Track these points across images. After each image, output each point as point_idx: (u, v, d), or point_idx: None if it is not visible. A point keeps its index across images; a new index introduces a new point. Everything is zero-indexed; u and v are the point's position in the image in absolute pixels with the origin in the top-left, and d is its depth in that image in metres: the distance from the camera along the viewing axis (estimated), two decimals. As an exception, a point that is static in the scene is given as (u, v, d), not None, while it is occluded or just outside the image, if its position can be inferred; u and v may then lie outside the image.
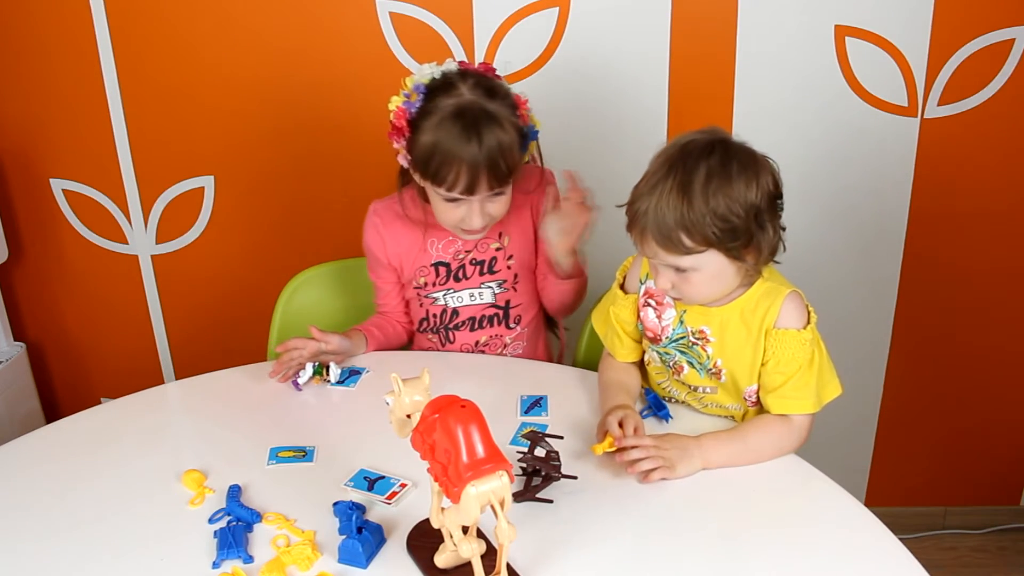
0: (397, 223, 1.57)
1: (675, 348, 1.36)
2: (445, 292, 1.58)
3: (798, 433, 1.28)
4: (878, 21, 1.83)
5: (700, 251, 1.22)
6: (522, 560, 1.07)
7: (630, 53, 1.88)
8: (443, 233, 1.55)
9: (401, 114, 1.43)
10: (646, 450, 1.21)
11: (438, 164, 1.39)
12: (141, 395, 1.46)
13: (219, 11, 1.88)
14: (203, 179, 2.04)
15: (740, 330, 1.30)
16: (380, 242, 1.58)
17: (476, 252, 1.57)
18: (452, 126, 1.38)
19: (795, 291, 1.30)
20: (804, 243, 1.98)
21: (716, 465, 1.24)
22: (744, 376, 1.32)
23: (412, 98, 1.42)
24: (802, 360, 1.27)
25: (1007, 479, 2.25)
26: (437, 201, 1.46)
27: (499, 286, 1.59)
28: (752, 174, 1.22)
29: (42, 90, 1.97)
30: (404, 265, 1.59)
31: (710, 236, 1.20)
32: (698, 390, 1.37)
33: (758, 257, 1.25)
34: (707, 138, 1.25)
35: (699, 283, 1.26)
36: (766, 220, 1.23)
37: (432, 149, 1.39)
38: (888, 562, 1.08)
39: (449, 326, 1.60)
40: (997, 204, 1.97)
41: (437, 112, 1.40)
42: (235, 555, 1.10)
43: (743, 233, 1.21)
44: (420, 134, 1.41)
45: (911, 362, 2.12)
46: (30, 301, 2.20)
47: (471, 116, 1.39)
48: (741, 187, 1.20)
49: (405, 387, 1.03)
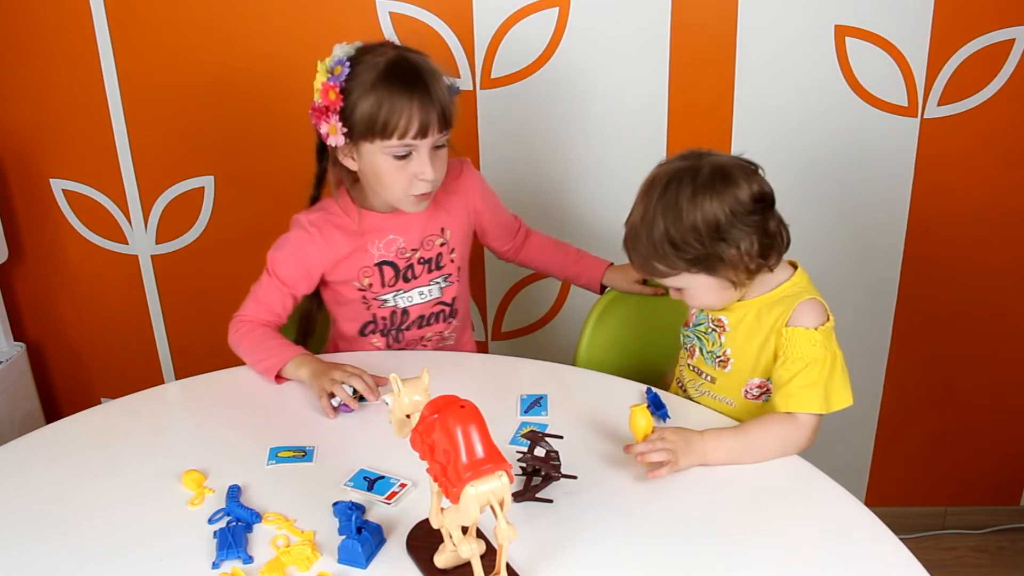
0: (334, 231, 1.53)
1: (694, 333, 1.44)
2: (396, 293, 1.57)
3: (803, 432, 1.28)
4: (878, 21, 1.83)
5: (673, 274, 1.32)
6: (522, 560, 1.07)
7: (630, 53, 1.88)
8: (381, 232, 1.54)
9: (329, 87, 1.41)
10: (652, 443, 1.21)
11: (387, 114, 1.38)
12: (141, 395, 1.46)
13: (219, 11, 1.88)
14: (203, 179, 2.04)
15: (754, 325, 1.35)
16: (318, 251, 1.53)
17: (423, 251, 1.57)
18: (392, 76, 1.39)
19: (814, 298, 1.33)
20: (804, 243, 1.96)
21: (716, 461, 1.24)
22: (749, 368, 1.36)
23: (337, 72, 1.41)
24: (809, 358, 1.28)
25: (1007, 479, 2.25)
26: (385, 165, 1.43)
27: (445, 280, 1.60)
28: (710, 195, 1.27)
29: (42, 90, 1.97)
30: (342, 270, 1.55)
31: (674, 263, 1.30)
32: (702, 375, 1.43)
33: (737, 269, 1.30)
34: (673, 168, 1.32)
35: (694, 296, 1.36)
36: (737, 234, 1.28)
37: (376, 101, 1.39)
38: (888, 562, 1.08)
39: (401, 327, 1.60)
40: (997, 204, 1.97)
41: (371, 70, 1.40)
42: (235, 555, 1.10)
43: (706, 256, 1.29)
44: (357, 96, 1.40)
45: (911, 362, 2.12)
46: (30, 301, 2.20)
47: (407, 64, 1.41)
48: (692, 214, 1.27)
49: (404, 387, 1.03)
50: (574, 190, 2.00)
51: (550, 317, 2.13)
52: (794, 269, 1.38)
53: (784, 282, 1.35)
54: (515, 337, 2.15)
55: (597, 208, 2.00)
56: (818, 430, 1.29)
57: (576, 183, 1.99)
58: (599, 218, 2.01)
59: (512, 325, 2.14)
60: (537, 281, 2.09)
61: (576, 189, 2.00)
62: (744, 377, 1.38)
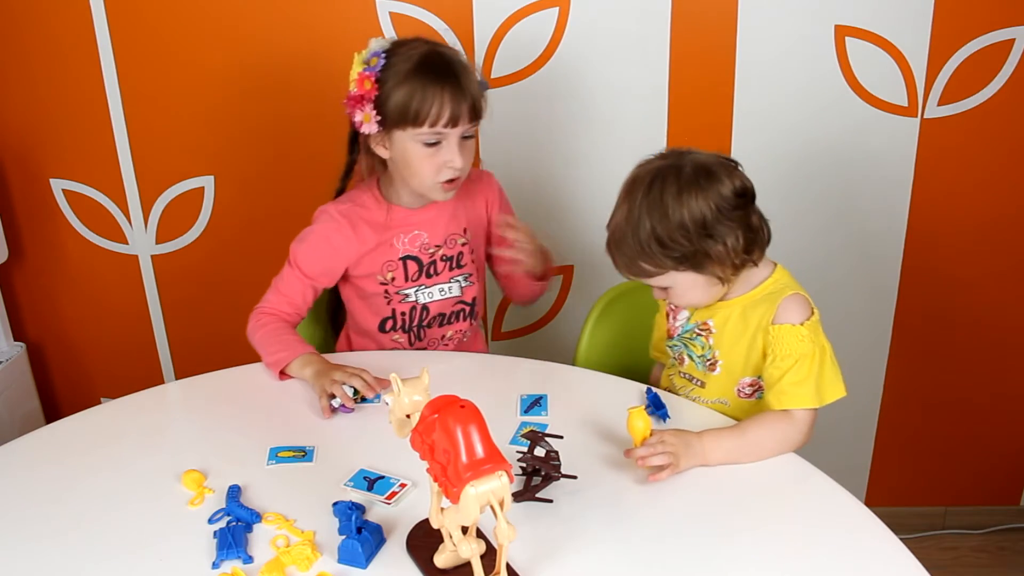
0: (362, 223, 1.56)
1: (680, 341, 1.44)
2: (417, 288, 1.59)
3: (799, 428, 1.28)
4: (878, 21, 1.83)
5: (660, 273, 1.32)
6: (522, 560, 1.07)
7: (630, 53, 1.88)
8: (407, 227, 1.56)
9: (364, 77, 1.45)
10: (652, 447, 1.21)
11: (419, 102, 1.43)
12: (141, 395, 1.46)
13: (219, 11, 1.88)
14: (203, 179, 2.04)
15: (739, 324, 1.35)
16: (345, 241, 1.56)
17: (446, 248, 1.59)
18: (427, 67, 1.44)
19: (798, 292, 1.34)
20: (804, 243, 1.98)
21: (716, 461, 1.24)
22: (739, 367, 1.37)
23: (373, 63, 1.45)
24: (798, 354, 1.29)
25: (1007, 479, 2.25)
26: (415, 152, 1.47)
27: (466, 280, 1.62)
28: (695, 192, 1.28)
29: (42, 90, 1.97)
30: (367, 263, 1.58)
31: (662, 262, 1.30)
32: (692, 380, 1.43)
33: (724, 265, 1.31)
34: (654, 167, 1.32)
35: (681, 294, 1.36)
36: (722, 230, 1.29)
37: (410, 90, 1.43)
38: (888, 562, 1.08)
39: (423, 324, 1.61)
40: (997, 204, 1.97)
41: (406, 61, 1.45)
42: (235, 555, 1.10)
43: (694, 253, 1.29)
44: (392, 84, 1.44)
45: (911, 362, 2.12)
46: (30, 301, 2.20)
47: (441, 56, 1.46)
48: (679, 212, 1.28)
49: (404, 387, 1.03)
50: (575, 189, 2.00)
51: (550, 317, 2.13)
52: (774, 266, 1.39)
53: (766, 279, 1.36)
54: (515, 337, 2.15)
55: (597, 207, 1.99)
56: (814, 424, 1.30)
57: (577, 182, 1.99)
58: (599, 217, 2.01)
59: (512, 325, 2.14)
60: (537, 281, 2.09)
61: (577, 188, 2.00)
62: (735, 377, 1.38)
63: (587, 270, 2.07)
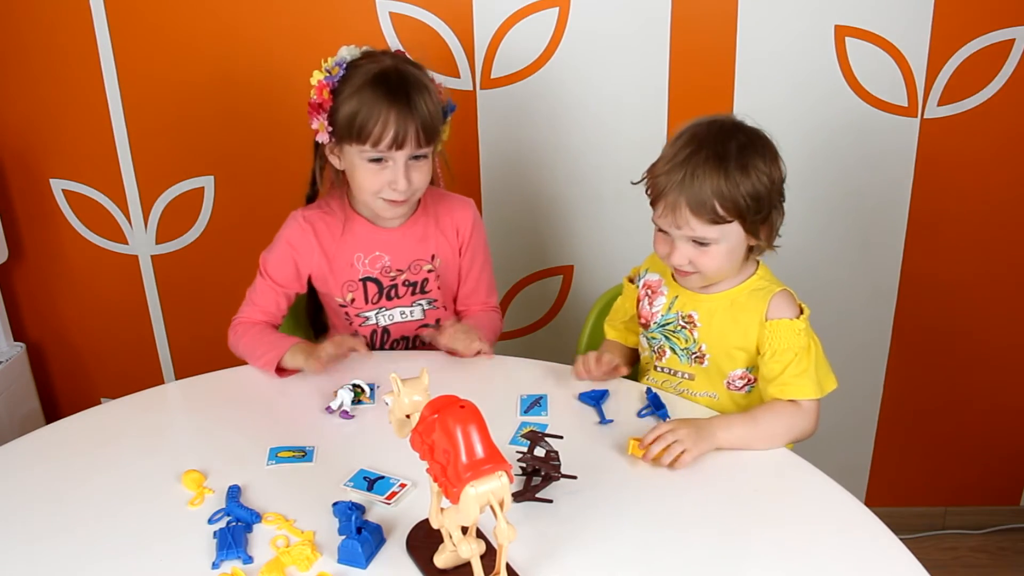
0: (326, 230, 1.56)
1: (661, 332, 1.44)
2: (377, 311, 1.58)
3: (808, 418, 1.31)
4: (878, 21, 1.83)
5: (728, 222, 1.29)
6: (522, 560, 1.07)
7: (630, 53, 1.88)
8: (369, 247, 1.55)
9: (323, 86, 1.45)
10: (664, 440, 1.22)
11: (364, 118, 1.41)
12: (141, 395, 1.46)
13: (219, 11, 1.88)
14: (203, 179, 2.04)
15: (727, 318, 1.37)
16: (308, 246, 1.55)
17: (409, 273, 1.58)
18: (378, 84, 1.43)
19: (785, 289, 1.37)
20: (804, 242, 1.98)
21: (728, 444, 1.25)
22: (728, 360, 1.38)
23: (334, 72, 1.45)
24: (797, 348, 1.32)
25: (1007, 479, 2.25)
26: (360, 167, 1.46)
27: (429, 304, 1.60)
28: (772, 154, 1.32)
29: (42, 90, 1.97)
30: (327, 282, 1.57)
31: (741, 207, 1.28)
32: (677, 374, 1.43)
33: (769, 235, 1.33)
34: (729, 119, 1.35)
35: (717, 255, 1.32)
36: (780, 199, 1.33)
37: (357, 105, 1.42)
38: (888, 562, 1.08)
39: (383, 347, 1.60)
40: (997, 204, 1.97)
41: (361, 75, 1.44)
42: (234, 555, 1.10)
43: (766, 207, 1.30)
44: (344, 97, 1.44)
45: (911, 362, 2.12)
46: (30, 301, 2.20)
47: (396, 75, 1.44)
48: (767, 164, 1.30)
49: (404, 387, 1.03)
50: (574, 190, 2.00)
51: (550, 317, 2.13)
52: (757, 264, 1.41)
53: (751, 276, 1.39)
54: (515, 337, 2.15)
55: (597, 207, 2.00)
56: (819, 412, 1.33)
57: (576, 182, 1.99)
58: (599, 217, 2.01)
59: (512, 325, 2.14)
60: (537, 281, 2.09)
61: (576, 189, 1.99)
62: (724, 369, 1.40)
63: (587, 270, 2.07)
